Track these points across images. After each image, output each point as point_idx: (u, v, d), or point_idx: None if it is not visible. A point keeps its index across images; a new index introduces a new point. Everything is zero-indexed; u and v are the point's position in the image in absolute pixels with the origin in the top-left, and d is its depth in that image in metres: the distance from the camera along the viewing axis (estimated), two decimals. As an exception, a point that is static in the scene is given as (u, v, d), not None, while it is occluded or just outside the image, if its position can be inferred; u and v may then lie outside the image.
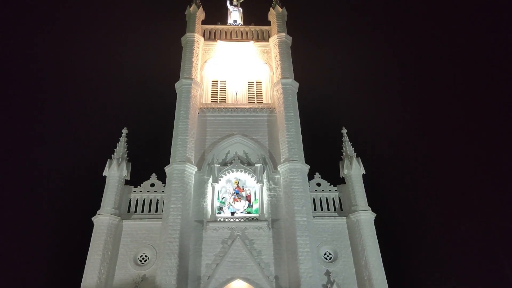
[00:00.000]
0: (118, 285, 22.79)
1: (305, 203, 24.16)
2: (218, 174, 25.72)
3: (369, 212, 25.40)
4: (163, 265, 21.49)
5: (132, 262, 23.58)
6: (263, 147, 27.51)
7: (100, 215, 24.36)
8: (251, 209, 25.50)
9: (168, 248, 21.93)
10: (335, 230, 25.40)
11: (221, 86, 31.09)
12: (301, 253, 22.25)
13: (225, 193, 26.12)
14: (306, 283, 21.29)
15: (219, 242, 23.58)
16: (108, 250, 23.35)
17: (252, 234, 23.95)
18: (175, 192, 23.89)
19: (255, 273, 22.19)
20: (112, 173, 26.07)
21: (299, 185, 24.69)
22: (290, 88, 29.19)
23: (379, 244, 24.48)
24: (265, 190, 25.69)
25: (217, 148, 27.26)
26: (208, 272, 22.51)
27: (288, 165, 25.38)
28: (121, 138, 28.20)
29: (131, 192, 26.29)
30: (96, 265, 22.60)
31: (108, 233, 23.76)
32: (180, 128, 26.66)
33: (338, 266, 24.02)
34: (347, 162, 27.61)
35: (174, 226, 22.65)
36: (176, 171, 24.69)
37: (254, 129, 28.28)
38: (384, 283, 23.09)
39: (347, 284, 23.41)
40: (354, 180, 26.78)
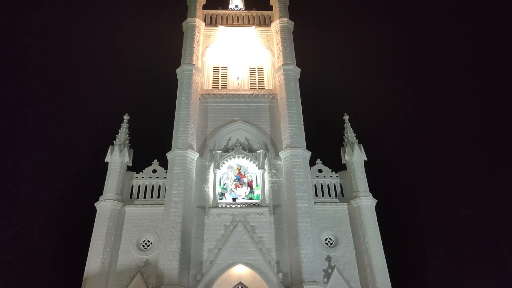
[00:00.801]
0: (121, 270, 23.09)
1: (306, 189, 24.25)
2: (219, 161, 25.78)
3: (370, 198, 25.51)
4: (165, 250, 21.72)
5: (135, 247, 23.84)
6: (265, 133, 27.48)
7: (103, 201, 24.54)
8: (252, 195, 25.62)
9: (170, 233, 22.14)
10: (336, 216, 25.56)
11: (222, 72, 30.91)
12: (302, 238, 22.43)
13: (227, 179, 26.22)
14: (307, 268, 21.51)
15: (221, 228, 23.77)
16: (111, 235, 23.59)
17: (253, 220, 24.12)
18: (177, 178, 23.99)
19: (257, 258, 22.42)
20: (114, 159, 26.17)
21: (301, 172, 24.75)
22: (292, 74, 29.00)
23: (380, 230, 24.67)
24: (266, 176, 25.77)
25: (219, 135, 27.25)
26: (210, 257, 22.75)
27: (290, 152, 25.39)
28: (123, 124, 28.24)
29: (133, 178, 26.42)
30: (100, 250, 22.87)
31: (110, 218, 23.97)
32: (181, 114, 26.62)
33: (339, 252, 24.24)
34: (348, 148, 27.60)
35: (176, 211, 22.81)
36: (177, 157, 24.74)
37: (256, 115, 28.22)
38: (385, 268, 23.33)
39: (347, 269, 23.66)
40: (356, 166, 26.82)
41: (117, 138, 27.46)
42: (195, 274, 22.14)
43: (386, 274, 23.19)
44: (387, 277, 23.08)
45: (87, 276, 22.29)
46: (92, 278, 22.11)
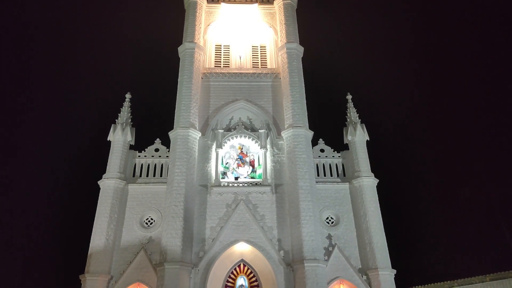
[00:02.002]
0: (125, 246, 23.48)
1: (308, 168, 24.33)
2: (222, 140, 25.80)
3: (372, 178, 25.61)
4: (168, 228, 22.01)
5: (139, 224, 24.17)
6: (267, 113, 27.38)
7: (106, 179, 24.73)
8: (254, 174, 25.75)
9: (173, 211, 22.38)
10: (338, 196, 25.73)
11: (224, 51, 30.57)
12: (304, 217, 22.65)
13: (229, 158, 26.30)
14: (308, 246, 21.81)
15: (223, 206, 24.00)
16: (114, 213, 23.88)
17: (255, 199, 24.31)
18: (179, 157, 24.08)
19: (259, 236, 22.72)
20: (116, 138, 26.23)
21: (303, 151, 24.77)
22: (295, 53, 28.65)
23: (381, 209, 24.86)
24: (268, 155, 25.82)
25: (221, 114, 27.17)
26: (213, 234, 23.07)
27: (292, 131, 25.36)
28: (125, 103, 28.18)
29: (135, 157, 26.53)
30: (104, 227, 23.20)
31: (114, 196, 24.21)
32: (183, 93, 26.48)
33: (340, 230, 24.51)
34: (351, 128, 27.54)
35: (178, 190, 23.00)
36: (180, 136, 24.77)
37: (258, 94, 28.05)
38: (385, 247, 23.63)
39: (348, 247, 23.98)
40: (358, 146, 26.82)
41: (119, 117, 27.44)
42: (198, 251, 22.50)
43: (386, 252, 23.51)
44: (387, 255, 23.40)
45: (92, 252, 22.70)
46: (97, 254, 22.52)
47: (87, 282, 21.83)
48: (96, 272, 22.04)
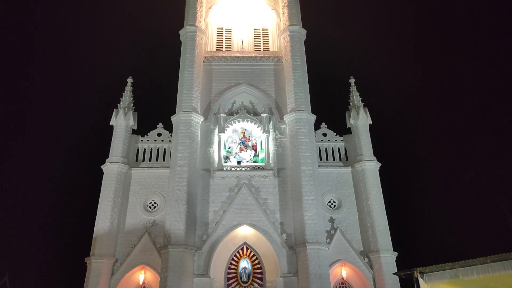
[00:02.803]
0: (129, 230, 23.77)
1: (310, 152, 24.35)
2: (224, 124, 25.78)
3: (374, 161, 25.64)
4: (172, 211, 22.21)
5: (142, 208, 24.39)
6: (270, 97, 27.26)
7: (109, 163, 24.86)
8: (257, 158, 25.81)
9: (176, 195, 22.54)
10: (340, 179, 25.81)
11: (226, 34, 30.25)
12: (306, 200, 22.78)
13: (231, 142, 26.33)
14: (310, 229, 22.01)
15: (226, 190, 24.15)
16: (118, 197, 24.08)
17: (258, 183, 24.43)
18: (182, 141, 24.12)
19: (261, 219, 22.92)
20: (119, 122, 26.25)
21: (305, 135, 24.75)
22: (297, 36, 28.33)
23: (383, 192, 24.97)
24: (271, 140, 25.83)
25: (223, 98, 27.07)
26: (216, 218, 23.28)
27: (295, 115, 25.28)
28: (127, 87, 28.08)
29: (138, 141, 26.59)
30: (108, 211, 23.43)
31: (117, 180, 24.37)
32: (185, 77, 26.34)
33: (342, 214, 24.68)
34: (354, 112, 27.43)
35: (181, 174, 23.11)
36: (182, 120, 24.75)
37: (260, 78, 27.88)
38: (386, 230, 23.82)
39: (350, 231, 24.18)
40: (361, 130, 26.77)
41: (121, 101, 27.39)
42: (201, 234, 22.76)
43: (388, 235, 23.71)
44: (388, 238, 23.61)
45: (97, 236, 22.99)
46: (101, 237, 22.82)
47: (92, 265, 22.18)
48: (101, 255, 22.37)
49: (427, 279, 11.38)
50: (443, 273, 11.15)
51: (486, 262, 10.37)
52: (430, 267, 11.38)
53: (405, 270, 12.05)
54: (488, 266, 10.33)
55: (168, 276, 20.51)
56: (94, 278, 21.81)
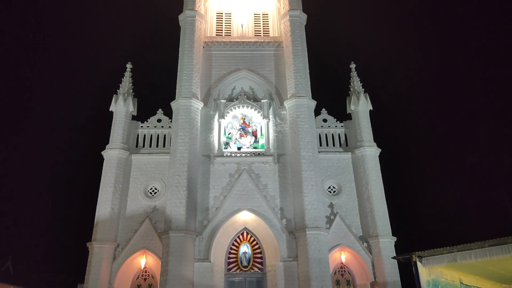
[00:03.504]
0: (130, 215, 23.93)
1: (311, 138, 24.35)
2: (224, 110, 25.71)
3: (374, 147, 25.65)
4: (172, 197, 22.33)
5: (143, 194, 24.51)
6: (270, 82, 27.12)
7: (110, 149, 24.88)
8: (257, 144, 25.81)
9: (177, 181, 22.62)
10: (340, 165, 25.86)
11: (226, 18, 29.90)
12: (306, 186, 22.87)
13: (232, 128, 26.29)
14: (310, 214, 22.15)
15: (226, 176, 24.22)
16: (119, 183, 24.17)
17: (258, 169, 24.49)
18: (182, 127, 24.09)
19: (261, 204, 23.05)
20: (118, 108, 26.19)
21: (305, 121, 24.70)
22: (298, 21, 28.01)
23: (382, 178, 25.05)
24: (271, 125, 25.79)
25: (223, 83, 26.93)
26: (216, 203, 23.41)
27: (295, 101, 25.19)
28: (126, 73, 27.92)
29: (138, 127, 26.56)
30: (109, 197, 23.55)
31: (118, 166, 24.43)
32: (185, 63, 26.14)
33: (341, 199, 24.81)
34: (354, 97, 27.33)
35: (182, 160, 23.15)
36: (182, 106, 24.67)
37: (261, 63, 27.68)
38: (386, 215, 23.98)
39: (349, 216, 24.35)
40: (361, 116, 26.70)
41: (120, 87, 27.26)
42: (202, 219, 22.92)
43: (387, 220, 23.88)
44: (387, 223, 23.79)
45: (98, 221, 23.17)
46: (103, 223, 22.99)
47: (94, 250, 22.41)
48: (102, 240, 22.57)
49: (426, 263, 11.50)
50: (441, 257, 11.26)
51: (484, 246, 10.46)
52: (428, 251, 11.49)
53: (404, 254, 12.16)
54: (486, 250, 10.42)
55: (169, 261, 20.73)
56: (96, 262, 22.07)
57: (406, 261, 12.01)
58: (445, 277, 12.23)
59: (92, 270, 21.94)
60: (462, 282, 12.85)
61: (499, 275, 13.37)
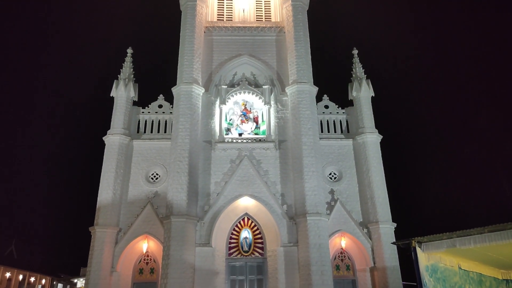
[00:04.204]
0: (132, 200, 24.08)
1: (312, 125, 24.31)
2: (225, 96, 25.62)
3: (376, 134, 25.61)
4: (173, 182, 22.43)
5: (144, 179, 24.61)
6: (271, 68, 26.95)
7: (111, 135, 24.89)
8: (258, 130, 25.79)
9: (178, 166, 22.70)
10: (341, 152, 25.87)
11: (227, 3, 29.52)
12: (307, 172, 22.93)
13: (233, 114, 26.24)
14: (310, 200, 22.27)
15: (227, 162, 24.28)
16: (120, 168, 24.26)
17: (259, 155, 24.53)
18: (183, 113, 24.05)
19: (262, 190, 23.16)
20: (119, 94, 26.11)
21: (307, 107, 24.63)
22: (300, 6, 27.67)
23: (383, 164, 25.07)
24: (272, 112, 25.73)
25: (224, 69, 26.78)
26: (217, 189, 23.53)
27: (296, 87, 25.07)
28: (126, 58, 27.75)
29: (139, 113, 26.51)
30: (110, 182, 23.67)
31: (119, 152, 24.48)
32: (186, 48, 25.96)
33: (342, 185, 24.89)
34: (356, 84, 27.16)
35: (183, 146, 23.18)
36: (183, 92, 24.59)
37: (262, 49, 27.46)
38: (386, 201, 24.08)
39: (350, 202, 24.46)
40: (363, 102, 26.59)
41: (121, 72, 27.13)
42: (203, 205, 23.07)
43: (387, 206, 23.99)
44: (388, 209, 23.90)
45: (100, 206, 23.34)
46: (105, 207, 23.17)
47: (96, 234, 22.62)
48: (104, 224, 22.77)
49: (425, 249, 11.59)
50: (440, 242, 11.34)
51: (483, 232, 10.52)
52: (428, 237, 11.58)
53: (403, 240, 12.24)
54: (485, 236, 10.49)
55: (171, 245, 20.95)
56: (99, 246, 22.31)
57: (405, 247, 12.11)
58: (444, 263, 12.35)
59: (95, 254, 22.20)
60: (460, 267, 12.98)
61: (498, 260, 13.49)
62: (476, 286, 13.54)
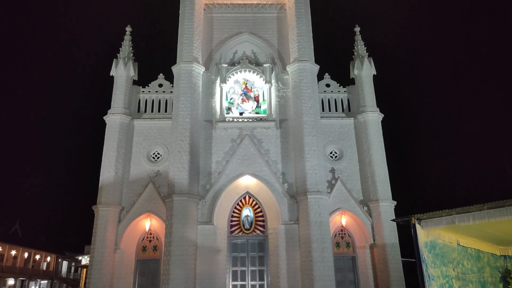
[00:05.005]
0: (134, 180, 24.24)
1: (313, 103, 24.20)
2: (226, 74, 25.42)
3: (377, 113, 25.52)
4: (175, 162, 22.53)
5: (146, 159, 24.70)
6: (272, 46, 26.63)
7: (111, 114, 24.85)
8: (259, 109, 25.70)
9: (179, 146, 22.74)
10: (342, 131, 25.84)
11: (227, -21, 28.89)
12: (308, 151, 22.98)
13: (233, 93, 26.11)
14: (311, 179, 22.39)
15: (228, 141, 24.31)
16: (121, 147, 24.32)
17: (260, 134, 24.53)
18: (183, 92, 23.93)
19: (263, 169, 23.27)
20: (119, 73, 25.91)
21: (308, 86, 24.47)
22: (301, -19, 27.07)
23: (384, 143, 25.08)
24: (273, 90, 25.58)
25: (225, 47, 26.47)
26: (219, 168, 23.64)
27: (298, 65, 24.84)
28: (126, 36, 27.41)
29: (139, 92, 26.37)
30: (112, 162, 23.78)
31: (120, 131, 24.49)
32: (185, 26, 25.59)
33: (343, 164, 24.97)
34: (358, 62, 26.88)
35: (184, 125, 23.17)
36: (183, 71, 24.39)
37: (263, 26, 27.07)
38: (386, 180, 24.21)
39: (350, 180, 24.60)
40: (364, 80, 26.38)
41: (120, 51, 26.84)
42: (205, 184, 23.23)
43: (388, 184, 24.13)
44: (388, 187, 24.05)
45: (102, 185, 23.52)
46: (107, 186, 23.35)
47: (99, 213, 22.88)
48: (107, 203, 23.00)
49: (424, 225, 11.70)
50: (440, 219, 11.43)
51: (483, 209, 10.59)
52: (427, 213, 11.67)
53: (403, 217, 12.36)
54: (484, 212, 10.57)
55: (173, 223, 21.22)
56: (102, 225, 22.60)
57: (405, 224, 12.22)
58: (443, 239, 12.49)
59: (98, 232, 22.50)
60: (459, 243, 13.14)
61: (496, 237, 13.65)
62: (474, 262, 13.74)
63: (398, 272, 22.25)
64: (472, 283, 13.17)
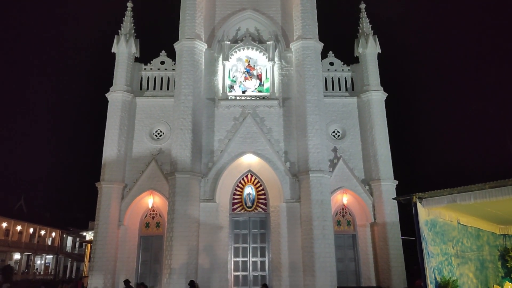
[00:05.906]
0: (137, 157, 24.35)
1: (316, 82, 23.99)
2: (228, 52, 25.13)
3: (381, 92, 25.31)
4: (177, 140, 22.55)
5: (148, 136, 24.73)
6: (276, 23, 26.20)
7: (113, 92, 24.74)
8: (262, 87, 25.51)
9: (182, 124, 22.72)
10: (345, 110, 25.70)
11: (230, -47, 28.18)
12: (310, 130, 22.93)
13: (236, 71, 25.87)
14: (313, 158, 22.43)
15: (230, 119, 24.25)
16: (124, 125, 24.32)
17: (263, 112, 24.44)
18: (185, 70, 23.73)
19: (265, 148, 23.30)
20: (121, 50, 25.65)
21: (312, 64, 24.19)
22: (306, -44, 26.38)
23: (387, 123, 24.97)
24: (276, 68, 25.32)
25: (227, 24, 26.07)
26: (221, 146, 23.68)
27: (301, 43, 24.49)
28: (127, 12, 27.00)
29: (141, 69, 26.16)
30: (115, 139, 23.83)
31: (122, 109, 24.44)
32: (187, 2, 25.12)
33: (345, 143, 24.95)
34: (362, 40, 26.47)
35: (186, 103, 23.08)
36: (185, 48, 24.11)
37: (266, 3, 26.55)
38: (389, 159, 24.23)
39: (353, 160, 24.63)
40: (369, 59, 26.05)
41: (122, 27, 26.49)
42: (207, 162, 23.32)
43: (390, 164, 24.17)
44: (390, 167, 24.10)
45: (105, 162, 23.66)
46: (110, 164, 23.49)
47: (103, 189, 23.10)
48: (110, 180, 23.19)
49: (425, 204, 11.75)
50: (441, 198, 11.46)
51: (484, 188, 10.59)
52: (429, 192, 11.70)
53: (404, 195, 12.40)
54: (486, 191, 10.57)
55: (175, 201, 21.42)
56: (105, 201, 22.85)
57: (406, 202, 12.26)
58: (443, 217, 12.56)
59: (102, 209, 22.78)
60: (459, 222, 13.21)
61: (497, 216, 13.71)
62: (474, 240, 13.86)
63: (397, 250, 22.55)
64: (471, 260, 13.32)
